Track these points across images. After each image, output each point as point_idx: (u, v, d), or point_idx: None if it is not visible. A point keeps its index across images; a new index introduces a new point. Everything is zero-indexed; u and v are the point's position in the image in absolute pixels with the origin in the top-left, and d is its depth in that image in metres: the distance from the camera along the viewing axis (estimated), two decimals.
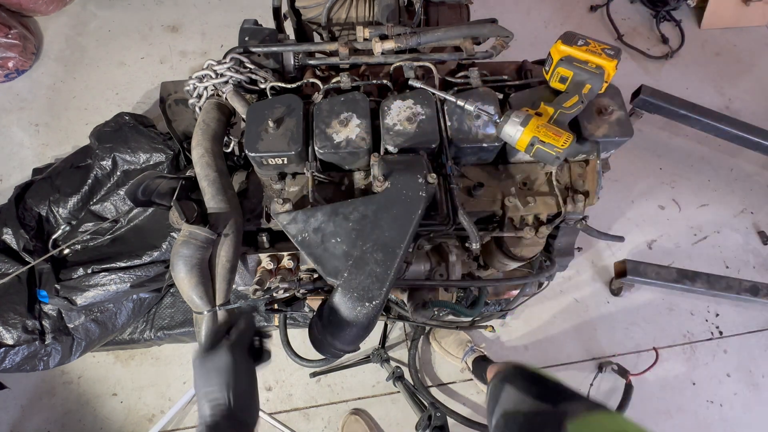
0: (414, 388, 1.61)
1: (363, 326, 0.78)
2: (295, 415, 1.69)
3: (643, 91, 1.84)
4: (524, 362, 0.96)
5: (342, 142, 0.91)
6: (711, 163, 2.16)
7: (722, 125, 1.84)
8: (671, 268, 1.77)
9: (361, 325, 0.77)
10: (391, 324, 1.78)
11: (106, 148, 1.67)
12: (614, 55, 0.90)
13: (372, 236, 0.80)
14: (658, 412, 1.72)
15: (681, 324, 1.86)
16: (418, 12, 1.28)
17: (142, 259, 1.57)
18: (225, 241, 0.89)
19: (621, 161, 2.11)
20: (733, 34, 2.48)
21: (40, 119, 2.19)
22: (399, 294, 1.12)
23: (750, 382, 1.77)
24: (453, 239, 1.03)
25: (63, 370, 1.73)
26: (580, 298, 1.89)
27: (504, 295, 1.63)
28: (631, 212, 2.05)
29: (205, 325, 0.90)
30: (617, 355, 1.80)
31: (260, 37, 1.11)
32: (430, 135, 0.93)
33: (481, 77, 1.05)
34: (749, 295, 1.75)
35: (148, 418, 1.68)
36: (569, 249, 1.23)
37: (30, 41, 2.26)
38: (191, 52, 2.37)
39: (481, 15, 1.32)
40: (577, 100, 0.90)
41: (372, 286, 0.77)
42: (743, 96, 2.31)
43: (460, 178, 1.02)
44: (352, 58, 1.08)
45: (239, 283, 1.09)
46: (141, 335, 1.69)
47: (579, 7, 2.55)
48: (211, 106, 1.02)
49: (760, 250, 1.99)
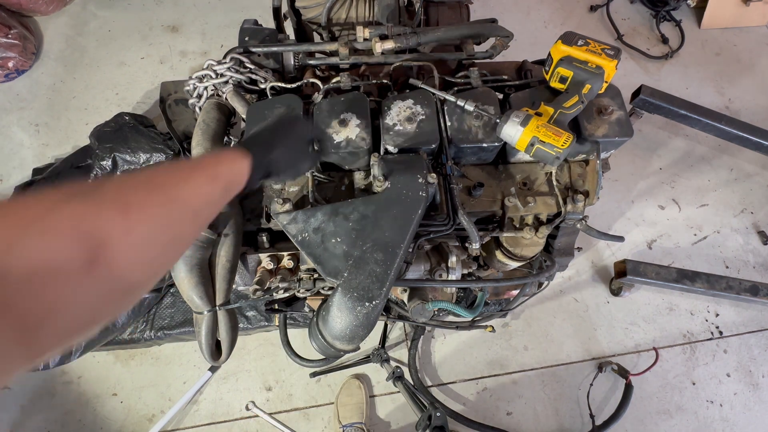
0: (414, 388, 1.61)
1: (363, 326, 0.78)
2: (295, 415, 1.69)
3: (643, 91, 1.84)
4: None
5: (342, 142, 0.91)
6: (711, 163, 2.16)
7: (722, 125, 1.84)
8: (671, 268, 1.77)
9: (361, 325, 0.77)
10: (391, 324, 1.78)
11: (106, 148, 1.67)
12: (614, 55, 0.90)
13: (372, 236, 0.80)
14: (658, 412, 1.72)
15: (681, 324, 1.86)
16: (418, 12, 1.28)
17: None
18: (225, 241, 0.89)
19: (621, 161, 2.11)
20: (733, 34, 2.48)
21: (40, 119, 2.19)
22: (399, 294, 1.12)
23: (750, 382, 1.77)
24: (453, 239, 1.03)
25: (63, 370, 1.72)
26: (580, 298, 1.89)
27: (504, 295, 1.63)
28: (631, 212, 2.05)
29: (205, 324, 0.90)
30: (617, 355, 1.80)
31: (260, 37, 1.11)
32: (430, 135, 0.93)
33: (481, 77, 1.05)
34: (749, 295, 1.75)
35: (148, 418, 1.68)
36: (569, 249, 1.23)
37: (30, 41, 2.26)
38: (191, 52, 2.37)
39: (481, 15, 1.32)
40: (577, 100, 0.90)
41: (372, 286, 0.77)
42: (743, 96, 2.31)
43: (460, 178, 1.02)
44: (352, 58, 1.09)
45: (239, 283, 1.09)
46: (141, 335, 1.69)
47: (579, 7, 2.55)
48: (211, 106, 1.02)
49: (760, 250, 1.99)
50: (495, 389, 1.75)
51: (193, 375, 1.73)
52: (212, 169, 0.50)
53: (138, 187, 0.40)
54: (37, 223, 0.32)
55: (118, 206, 0.36)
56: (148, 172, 0.44)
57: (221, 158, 0.55)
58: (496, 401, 1.73)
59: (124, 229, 0.36)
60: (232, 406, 1.70)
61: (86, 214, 0.34)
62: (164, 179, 0.43)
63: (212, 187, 0.49)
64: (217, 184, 0.50)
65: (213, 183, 0.49)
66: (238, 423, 1.67)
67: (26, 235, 0.31)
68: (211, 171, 0.50)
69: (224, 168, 0.53)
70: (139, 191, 0.39)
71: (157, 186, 0.42)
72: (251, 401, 1.69)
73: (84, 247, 0.33)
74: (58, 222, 0.33)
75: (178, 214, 0.42)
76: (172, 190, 0.43)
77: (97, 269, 0.34)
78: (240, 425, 1.67)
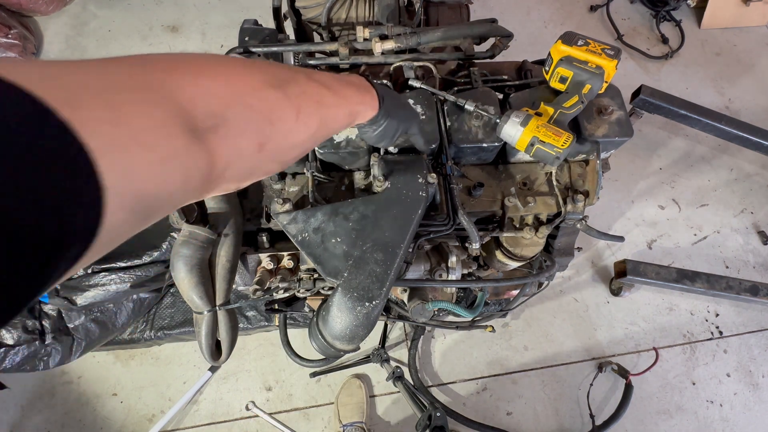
0: (414, 388, 1.61)
1: (363, 326, 0.77)
2: (295, 415, 1.69)
3: (643, 91, 1.84)
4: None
5: (342, 142, 0.91)
6: (711, 163, 2.16)
7: (722, 125, 1.84)
8: (671, 268, 1.77)
9: (361, 325, 0.77)
10: (391, 324, 1.78)
11: None
12: (614, 55, 0.90)
13: (372, 236, 0.80)
14: (658, 412, 1.72)
15: (681, 324, 1.86)
16: (418, 12, 1.28)
17: (142, 259, 1.57)
18: (225, 241, 0.89)
19: (621, 161, 2.11)
20: (733, 34, 2.48)
21: None
22: (399, 294, 1.12)
23: (750, 382, 1.77)
24: (453, 239, 1.03)
25: (63, 370, 1.72)
26: (580, 298, 1.89)
27: (504, 295, 1.63)
28: (631, 212, 2.05)
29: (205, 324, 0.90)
30: (617, 355, 1.80)
31: (260, 37, 1.11)
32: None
33: (481, 77, 1.05)
34: (749, 295, 1.75)
35: (148, 418, 1.68)
36: (569, 249, 1.23)
37: (30, 41, 2.26)
38: (191, 52, 2.37)
39: (481, 15, 1.32)
40: (577, 100, 0.90)
41: (372, 286, 0.77)
42: (743, 96, 2.31)
43: (460, 178, 1.02)
44: (352, 58, 1.08)
45: (239, 283, 1.09)
46: (141, 335, 1.69)
47: (579, 7, 2.55)
48: None
49: (760, 250, 1.99)
50: (495, 389, 1.75)
51: (193, 375, 1.73)
52: (355, 106, 0.59)
53: (309, 95, 0.48)
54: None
55: (294, 107, 0.45)
56: (325, 81, 0.53)
57: (363, 98, 0.61)
58: (496, 401, 1.73)
59: (293, 122, 0.45)
60: (232, 406, 1.70)
61: (277, 104, 0.43)
62: (327, 95, 0.51)
63: (345, 120, 0.58)
64: (348, 120, 0.59)
65: (348, 118, 0.58)
66: (238, 423, 1.67)
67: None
68: (353, 108, 0.58)
69: (360, 108, 0.60)
70: (309, 98, 0.48)
71: (324, 99, 0.51)
72: (251, 401, 1.69)
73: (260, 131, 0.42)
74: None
75: (321, 131, 0.52)
76: (326, 110, 0.51)
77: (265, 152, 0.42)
78: (240, 425, 1.67)
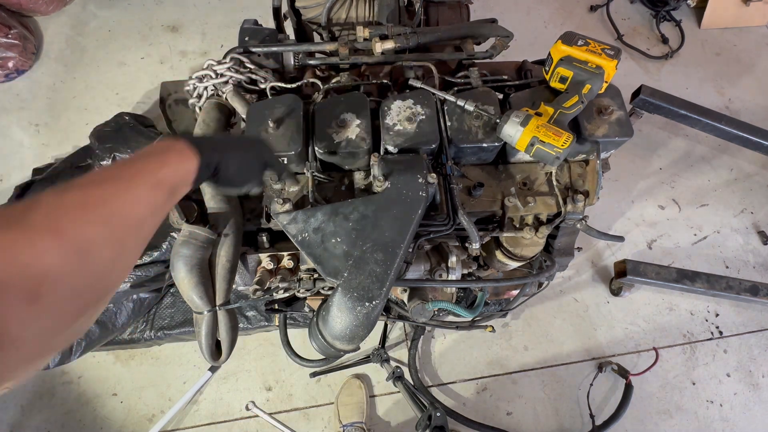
0: (414, 388, 1.61)
1: (363, 326, 0.77)
2: (295, 415, 1.69)
3: (643, 91, 1.84)
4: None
5: (342, 142, 0.91)
6: (711, 163, 2.16)
7: (722, 125, 1.84)
8: (671, 268, 1.77)
9: (361, 325, 0.77)
10: (391, 324, 1.78)
11: (106, 148, 1.67)
12: (614, 55, 0.90)
13: (372, 236, 0.80)
14: (658, 412, 1.72)
15: (681, 324, 1.86)
16: (418, 12, 1.28)
17: (142, 259, 1.57)
18: (225, 241, 0.89)
19: (621, 161, 2.11)
20: (733, 34, 2.48)
21: (40, 119, 2.19)
22: (399, 294, 1.12)
23: (750, 382, 1.77)
24: (453, 239, 1.03)
25: (63, 370, 1.72)
26: (580, 298, 1.89)
27: (504, 295, 1.63)
28: (631, 212, 2.05)
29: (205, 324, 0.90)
30: (617, 355, 1.80)
31: (260, 37, 1.11)
32: (430, 135, 0.93)
33: (481, 77, 1.05)
34: (749, 295, 1.75)
35: (148, 418, 1.68)
36: (569, 249, 1.23)
37: (30, 41, 2.26)
38: (191, 52, 2.37)
39: (481, 15, 1.32)
40: (577, 100, 0.90)
41: (372, 286, 0.77)
42: (743, 96, 2.31)
43: (460, 178, 1.02)
44: (352, 58, 1.08)
45: (239, 283, 1.09)
46: (141, 335, 1.69)
47: (579, 7, 2.55)
48: (211, 106, 1.02)
49: (760, 250, 1.99)
50: (495, 389, 1.75)
51: (193, 375, 1.73)
52: (155, 174, 0.46)
53: (72, 206, 0.37)
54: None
55: (51, 232, 0.33)
56: (83, 185, 0.40)
57: (166, 158, 0.50)
58: (496, 401, 1.73)
59: (61, 256, 0.33)
60: (232, 406, 1.70)
61: (18, 243, 0.31)
62: (101, 192, 0.40)
63: (156, 193, 0.46)
64: (162, 190, 0.46)
65: (157, 189, 0.46)
66: (238, 423, 1.67)
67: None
68: (154, 177, 0.46)
69: (169, 170, 0.49)
70: (74, 210, 0.37)
71: (93, 202, 0.39)
72: (251, 401, 1.69)
73: (24, 285, 0.30)
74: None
75: (121, 229, 0.40)
76: (111, 203, 0.40)
77: (39, 304, 0.31)
78: (240, 425, 1.67)
